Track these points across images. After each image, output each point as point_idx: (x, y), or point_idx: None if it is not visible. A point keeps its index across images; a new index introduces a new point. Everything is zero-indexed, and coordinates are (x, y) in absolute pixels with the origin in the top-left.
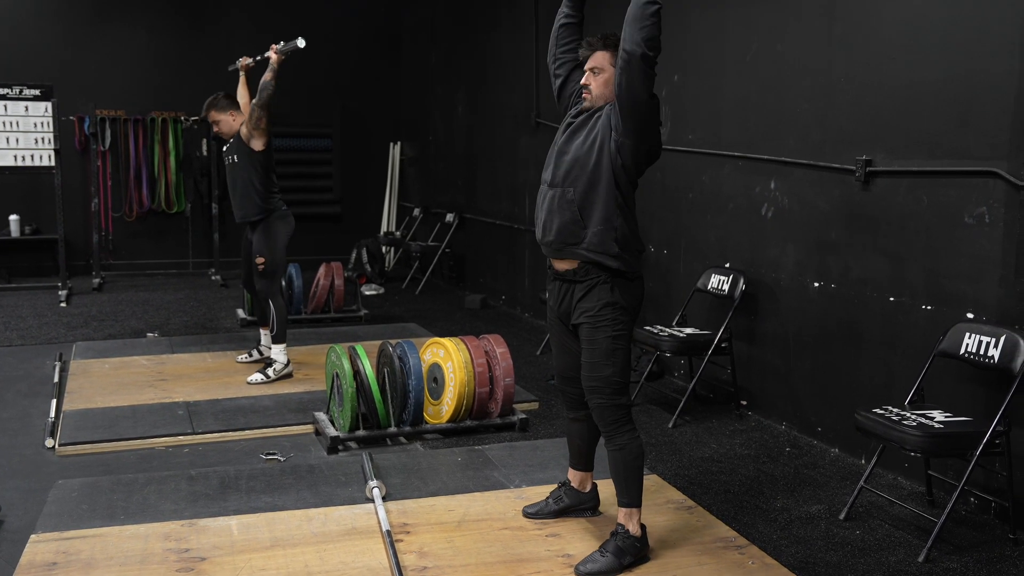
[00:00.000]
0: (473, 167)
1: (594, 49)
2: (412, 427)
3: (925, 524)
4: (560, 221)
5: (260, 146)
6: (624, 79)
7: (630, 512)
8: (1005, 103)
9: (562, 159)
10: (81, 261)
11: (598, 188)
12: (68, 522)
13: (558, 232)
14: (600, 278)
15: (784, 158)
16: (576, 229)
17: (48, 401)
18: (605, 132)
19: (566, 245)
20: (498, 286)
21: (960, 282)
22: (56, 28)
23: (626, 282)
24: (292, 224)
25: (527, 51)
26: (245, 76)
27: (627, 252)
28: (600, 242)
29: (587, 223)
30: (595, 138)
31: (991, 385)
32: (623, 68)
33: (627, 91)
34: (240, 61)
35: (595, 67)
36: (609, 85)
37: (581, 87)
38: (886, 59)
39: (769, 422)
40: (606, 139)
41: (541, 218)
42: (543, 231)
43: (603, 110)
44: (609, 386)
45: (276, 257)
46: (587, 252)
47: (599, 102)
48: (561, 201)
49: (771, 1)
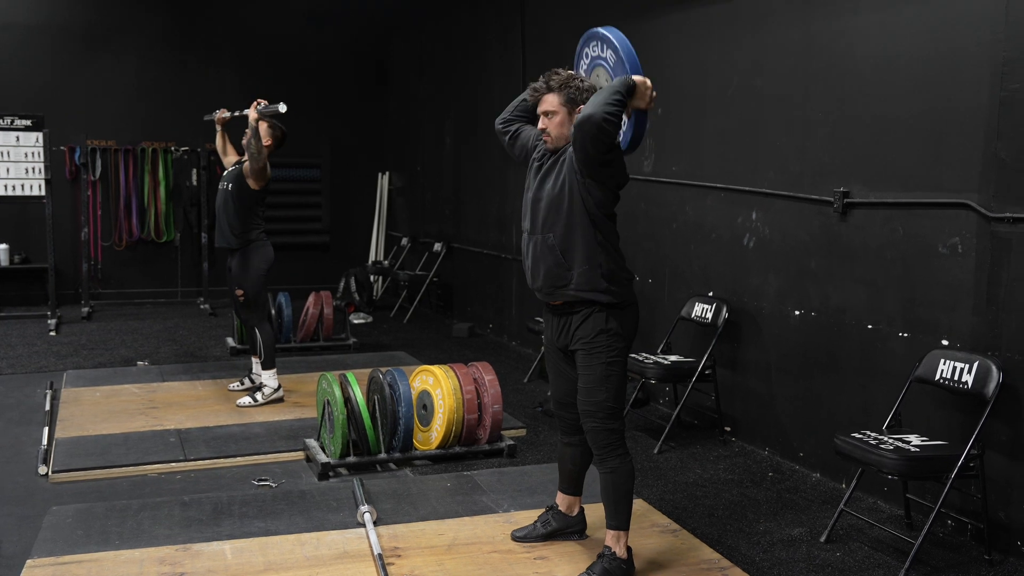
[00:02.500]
0: (461, 197)
1: (540, 93)
2: (402, 453)
3: (903, 546)
4: (546, 267)
5: (255, 187)
6: (578, 137)
7: (618, 535)
8: (975, 138)
9: (537, 206)
10: (70, 290)
11: (576, 229)
12: (64, 547)
13: (545, 277)
14: (595, 308)
15: (765, 189)
16: (562, 272)
17: (40, 429)
18: (571, 175)
19: (555, 288)
20: (485, 315)
21: (935, 310)
22: (47, 59)
23: (620, 311)
24: (270, 254)
25: (514, 83)
26: (221, 129)
27: (616, 284)
28: (587, 280)
29: (572, 264)
30: (563, 181)
31: (965, 410)
32: (577, 126)
33: (581, 150)
34: (216, 113)
35: (547, 111)
36: (564, 126)
37: (540, 131)
38: (861, 95)
39: (752, 448)
40: (574, 182)
41: (528, 266)
42: (532, 278)
43: (567, 151)
44: (603, 411)
45: (255, 287)
46: (577, 292)
47: (560, 142)
48: (543, 247)
49: (750, 37)
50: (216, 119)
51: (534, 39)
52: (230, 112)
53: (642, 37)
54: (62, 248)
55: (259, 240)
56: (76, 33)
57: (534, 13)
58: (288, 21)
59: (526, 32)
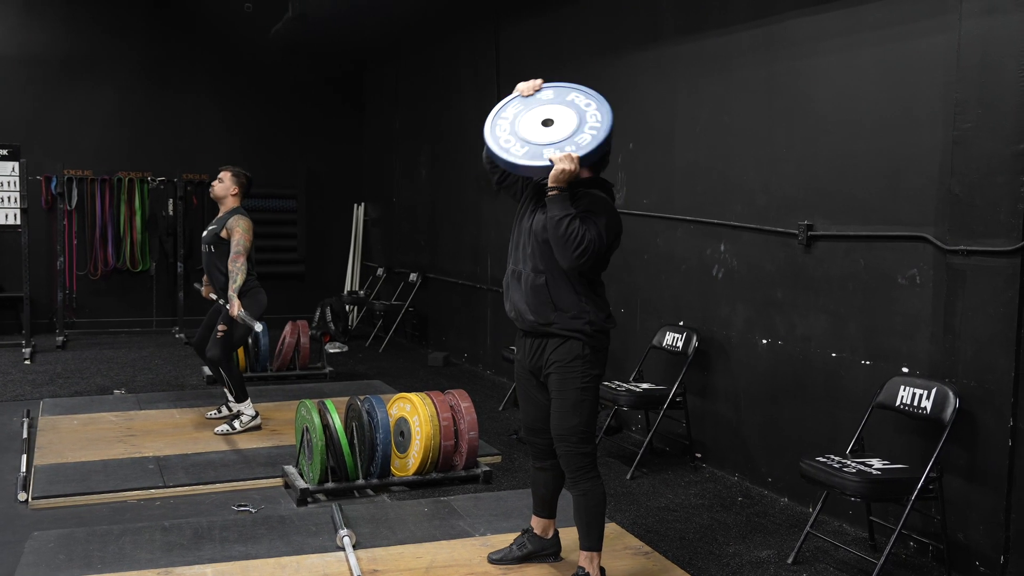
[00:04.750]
0: (436, 228)
1: None
2: (380, 479)
3: (867, 567)
4: (532, 305)
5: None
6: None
7: (591, 556)
8: (931, 173)
9: (531, 239)
10: (44, 319)
11: (565, 276)
12: (46, 571)
13: (532, 314)
14: (573, 337)
15: (732, 222)
16: (547, 311)
17: (18, 456)
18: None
19: (539, 326)
20: (460, 344)
21: (895, 339)
22: (24, 88)
23: (596, 343)
24: (263, 301)
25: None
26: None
27: (598, 332)
28: (570, 322)
29: (558, 305)
30: None
31: (925, 434)
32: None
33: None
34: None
35: None
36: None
37: None
38: (822, 132)
39: (722, 473)
40: None
41: (514, 301)
42: (517, 314)
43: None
44: (575, 435)
45: (240, 332)
46: (560, 330)
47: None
48: (532, 286)
49: (717, 75)
50: (203, 292)
51: (508, 72)
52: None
53: (613, 74)
54: (37, 277)
55: (253, 288)
56: (53, 63)
57: (508, 46)
58: (265, 52)
59: (500, 65)
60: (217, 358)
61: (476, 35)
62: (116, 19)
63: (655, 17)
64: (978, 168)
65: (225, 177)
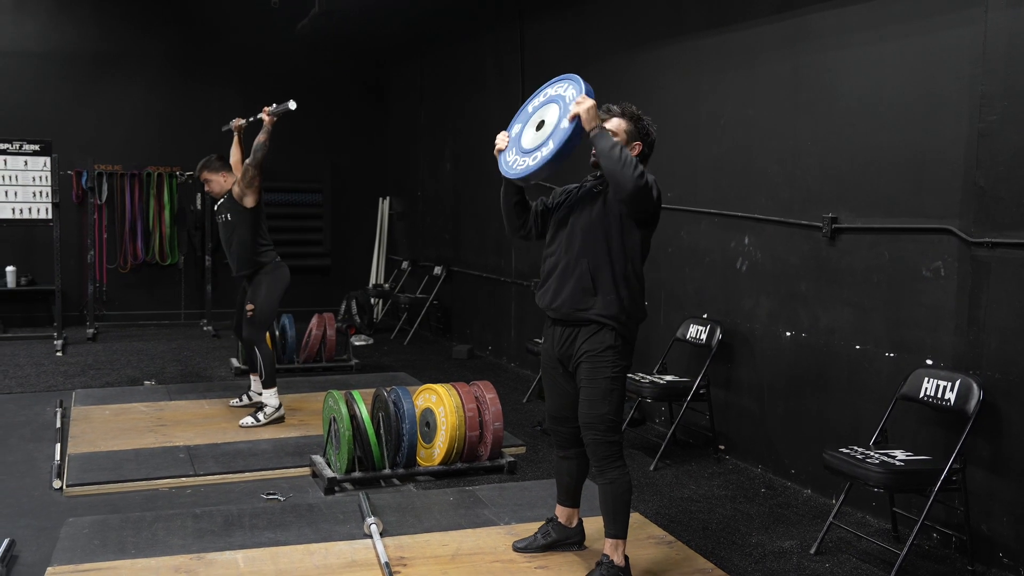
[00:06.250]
0: (460, 222)
1: (612, 115)
2: (406, 469)
3: (890, 557)
4: (571, 290)
5: (252, 203)
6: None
7: (616, 543)
8: (956, 165)
9: (575, 228)
10: (75, 312)
11: (610, 261)
12: (82, 556)
13: (569, 299)
14: (605, 326)
15: (756, 215)
16: (586, 297)
17: (52, 445)
18: (616, 207)
19: (575, 311)
20: (484, 337)
21: (919, 331)
22: (55, 85)
23: (626, 333)
24: (286, 276)
25: (513, 107)
26: (239, 136)
27: (631, 321)
28: (606, 307)
29: (598, 291)
30: (606, 212)
31: (948, 426)
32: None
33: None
34: (233, 122)
35: (611, 131)
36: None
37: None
38: (847, 125)
39: (745, 465)
40: (616, 217)
41: (552, 287)
42: (552, 297)
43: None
44: (604, 423)
45: (266, 307)
46: (594, 315)
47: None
48: (576, 271)
49: (741, 69)
50: (233, 127)
51: (533, 66)
52: (245, 119)
53: (638, 68)
54: (68, 270)
55: (272, 262)
56: (84, 60)
57: (533, 41)
58: (291, 47)
59: (525, 60)
60: (252, 337)
61: (501, 31)
62: (145, 16)
63: (679, 11)
64: (1004, 160)
65: (211, 177)
